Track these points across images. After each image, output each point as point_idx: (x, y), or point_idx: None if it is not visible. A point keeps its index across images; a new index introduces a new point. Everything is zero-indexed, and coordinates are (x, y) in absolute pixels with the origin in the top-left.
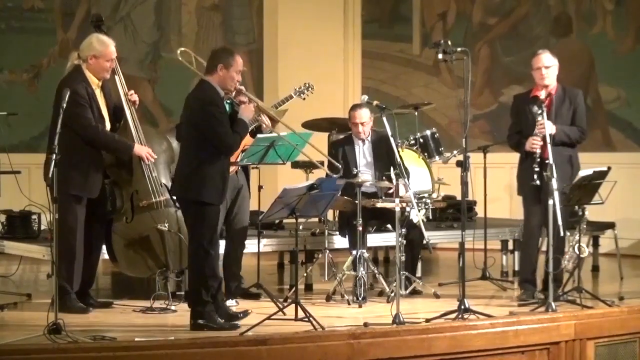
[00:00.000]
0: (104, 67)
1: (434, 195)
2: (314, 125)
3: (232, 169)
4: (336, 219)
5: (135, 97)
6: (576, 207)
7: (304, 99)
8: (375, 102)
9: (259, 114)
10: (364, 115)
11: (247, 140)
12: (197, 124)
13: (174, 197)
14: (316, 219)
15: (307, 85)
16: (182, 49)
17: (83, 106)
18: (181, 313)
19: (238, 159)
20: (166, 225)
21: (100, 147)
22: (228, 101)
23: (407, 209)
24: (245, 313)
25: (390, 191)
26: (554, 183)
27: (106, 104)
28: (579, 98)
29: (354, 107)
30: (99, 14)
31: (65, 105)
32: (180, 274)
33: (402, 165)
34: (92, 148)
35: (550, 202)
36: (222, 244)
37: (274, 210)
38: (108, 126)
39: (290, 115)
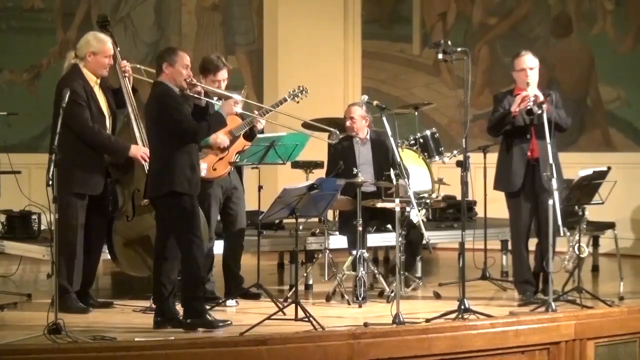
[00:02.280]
0: (103, 63)
1: (434, 195)
2: (313, 125)
3: (228, 168)
4: (336, 219)
5: (127, 68)
6: (576, 207)
7: (298, 102)
8: (375, 102)
9: (250, 118)
10: (354, 111)
11: (240, 142)
12: (157, 119)
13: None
14: (316, 219)
15: (301, 88)
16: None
17: (81, 106)
18: (181, 313)
19: (232, 159)
20: None
21: (96, 149)
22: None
23: (407, 209)
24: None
25: (391, 191)
26: (554, 183)
27: (106, 100)
28: (557, 95)
29: (349, 105)
30: (105, 14)
31: (65, 105)
32: (180, 274)
33: (402, 165)
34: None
35: (550, 202)
36: (219, 243)
37: (274, 210)
38: (109, 122)
39: (290, 114)
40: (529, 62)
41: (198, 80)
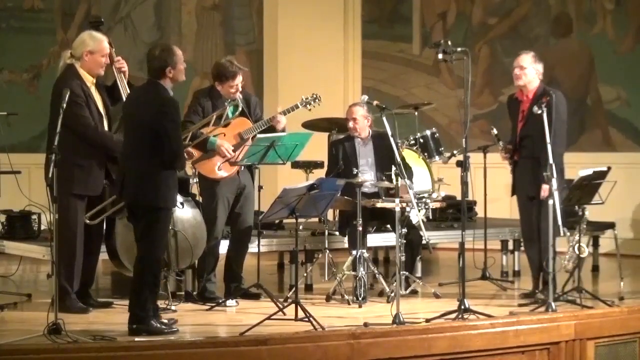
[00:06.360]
0: (100, 62)
1: (434, 195)
2: (313, 125)
3: (234, 169)
4: (336, 219)
5: (124, 67)
6: (576, 207)
7: (310, 110)
8: (375, 102)
9: (268, 118)
10: (356, 111)
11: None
12: (151, 123)
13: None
14: (316, 219)
15: (315, 96)
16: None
17: (80, 106)
18: (181, 313)
19: (238, 160)
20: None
21: (98, 147)
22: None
23: (407, 209)
24: (173, 321)
25: (392, 192)
26: (554, 183)
27: (102, 100)
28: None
29: (350, 105)
30: (98, 14)
31: (65, 105)
32: (181, 274)
33: (402, 165)
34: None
35: (550, 202)
36: (225, 243)
37: (274, 210)
38: (106, 122)
39: (290, 114)
40: (521, 62)
41: (216, 86)
